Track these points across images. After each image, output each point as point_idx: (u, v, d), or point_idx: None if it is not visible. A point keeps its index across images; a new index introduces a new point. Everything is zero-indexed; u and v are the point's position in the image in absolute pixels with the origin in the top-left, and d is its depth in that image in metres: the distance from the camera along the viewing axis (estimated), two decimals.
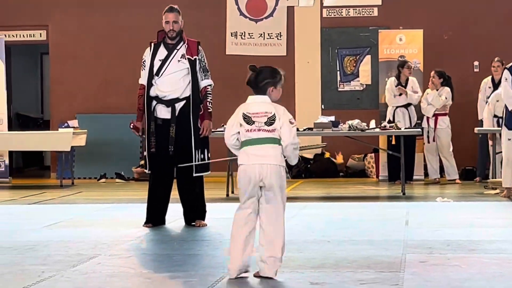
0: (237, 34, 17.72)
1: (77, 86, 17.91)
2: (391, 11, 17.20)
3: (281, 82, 6.56)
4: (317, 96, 17.39)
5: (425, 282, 5.98)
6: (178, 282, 6.07)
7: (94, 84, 17.84)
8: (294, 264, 6.54)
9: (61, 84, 18.08)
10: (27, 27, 18.34)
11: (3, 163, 16.68)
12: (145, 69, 9.29)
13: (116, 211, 11.31)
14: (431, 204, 11.93)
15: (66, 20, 17.99)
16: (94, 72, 17.87)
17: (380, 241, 8.00)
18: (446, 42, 16.98)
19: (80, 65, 17.95)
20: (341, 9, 17.57)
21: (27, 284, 6.07)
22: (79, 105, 17.76)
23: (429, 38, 16.49)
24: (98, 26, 17.87)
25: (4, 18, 18.11)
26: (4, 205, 12.54)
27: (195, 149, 9.18)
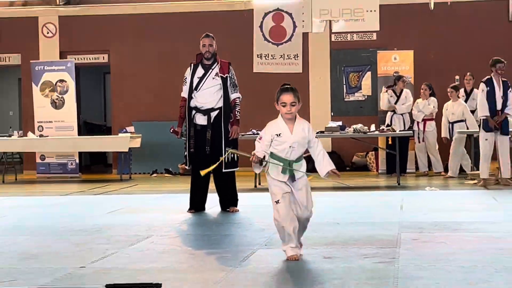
0: (262, 56, 17.71)
1: (133, 99, 17.97)
2: (387, 35, 17.14)
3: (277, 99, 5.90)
4: (327, 105, 17.34)
5: (418, 256, 5.95)
6: (215, 257, 6.08)
7: (147, 97, 17.88)
8: (310, 242, 6.53)
9: (120, 97, 18.15)
10: (93, 52, 18.41)
11: (74, 162, 16.77)
12: (186, 85, 9.35)
13: (166, 200, 11.33)
14: (421, 192, 11.89)
15: (123, 46, 18.05)
16: (146, 87, 17.92)
17: (380, 223, 7.98)
18: (432, 61, 16.90)
19: (135, 82, 18.00)
20: (346, 34, 17.53)
21: (94, 259, 6.09)
22: (134, 114, 17.80)
23: (418, 57, 16.45)
24: (149, 50, 17.92)
25: (75, 45, 18.21)
26: (75, 195, 12.60)
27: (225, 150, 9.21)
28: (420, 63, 16.48)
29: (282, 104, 5.78)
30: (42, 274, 5.48)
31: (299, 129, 5.82)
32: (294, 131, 5.81)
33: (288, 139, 5.79)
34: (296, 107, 5.78)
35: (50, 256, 6.31)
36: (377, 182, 14.29)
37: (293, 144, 5.80)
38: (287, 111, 5.75)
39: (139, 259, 6.09)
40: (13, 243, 7.06)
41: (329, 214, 8.89)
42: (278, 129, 5.80)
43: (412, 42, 16.76)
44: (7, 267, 5.81)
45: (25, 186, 15.11)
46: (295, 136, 5.81)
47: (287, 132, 5.79)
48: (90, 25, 18.09)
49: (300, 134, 5.82)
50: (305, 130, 5.84)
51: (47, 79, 16.79)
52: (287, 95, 5.78)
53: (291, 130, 5.81)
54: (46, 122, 16.70)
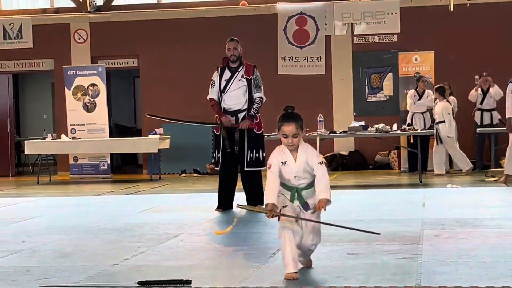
0: (286, 58, 17.70)
1: (162, 102, 18.02)
2: (408, 37, 17.08)
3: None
4: (350, 105, 17.31)
5: (439, 252, 5.92)
6: (243, 254, 6.08)
7: (175, 99, 17.93)
8: (334, 239, 6.52)
9: (149, 100, 18.21)
10: (123, 57, 18.51)
11: (106, 163, 16.85)
12: (214, 87, 9.39)
13: (194, 199, 11.35)
14: (442, 189, 11.83)
15: (152, 50, 18.12)
16: (175, 90, 17.97)
17: (403, 220, 7.94)
18: (452, 61, 16.81)
19: (163, 85, 18.06)
20: (368, 36, 17.49)
21: (127, 257, 6.11)
22: None
23: (438, 58, 16.37)
24: (177, 54, 17.97)
25: (105, 50, 18.30)
26: (107, 195, 12.67)
27: (247, 149, 9.27)
28: (441, 63, 16.40)
29: (283, 135, 5.24)
30: (76, 272, 5.50)
31: (303, 157, 5.30)
32: (298, 159, 5.29)
33: (293, 168, 5.29)
34: (298, 138, 5.25)
35: (84, 254, 6.34)
36: (399, 180, 14.24)
37: (297, 174, 5.29)
38: (288, 143, 5.24)
39: (169, 257, 6.10)
40: (48, 242, 7.10)
41: (353, 212, 8.87)
42: (283, 156, 5.30)
43: (432, 43, 16.67)
44: (42, 265, 5.85)
45: (59, 187, 15.21)
46: (299, 164, 5.29)
47: (291, 161, 5.30)
48: (120, 31, 18.18)
49: (304, 161, 5.30)
50: (308, 156, 5.30)
51: (79, 83, 16.88)
52: (289, 126, 5.21)
53: (295, 158, 5.30)
54: (78, 125, 16.79)
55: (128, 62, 18.61)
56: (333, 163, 17.09)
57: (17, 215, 9.49)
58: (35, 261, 6.05)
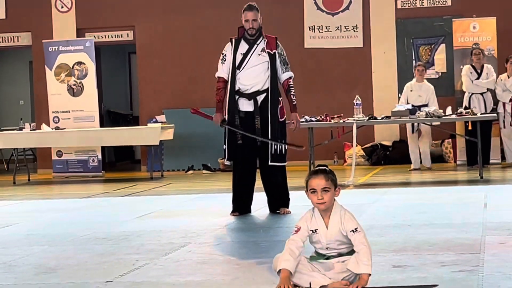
0: (315, 28, 17.70)
1: (163, 83, 18.09)
2: (464, 0, 17.02)
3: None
4: (394, 85, 17.27)
5: (505, 263, 5.90)
6: (265, 268, 6.07)
7: (180, 80, 17.98)
8: (376, 248, 6.50)
9: (149, 81, 18.28)
10: (115, 28, 18.55)
11: (96, 158, 16.93)
12: (226, 63, 9.26)
13: (204, 201, 11.38)
14: (509, 187, 11.80)
15: (151, 21, 18.16)
16: (179, 69, 18.02)
17: (459, 224, 7.93)
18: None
19: (165, 63, 18.11)
20: (415, 0, 17.44)
21: (122, 272, 6.14)
22: (166, 101, 17.92)
23: (502, 25, 16.32)
24: (181, 26, 18.01)
25: (93, 20, 18.36)
26: (98, 197, 12.72)
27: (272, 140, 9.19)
28: (504, 32, 16.34)
29: (311, 190, 5.16)
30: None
31: (336, 222, 5.19)
32: (330, 226, 5.21)
33: (323, 238, 5.21)
34: (330, 195, 5.15)
35: (71, 270, 6.37)
36: (455, 176, 14.21)
37: (329, 244, 5.21)
38: (318, 201, 5.14)
39: (174, 271, 6.12)
40: (27, 255, 7.14)
41: (399, 215, 8.87)
42: (314, 223, 5.24)
43: (494, 7, 16.62)
44: (20, 283, 5.89)
45: (40, 188, 15.29)
46: (331, 232, 5.20)
47: (322, 228, 5.22)
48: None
49: (337, 227, 5.19)
50: (342, 220, 5.18)
51: (62, 62, 16.95)
52: (317, 179, 5.16)
53: (326, 223, 5.22)
54: (62, 112, 16.87)
55: (121, 35, 18.66)
56: (374, 156, 17.08)
57: None
58: (11, 278, 6.08)
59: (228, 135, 9.33)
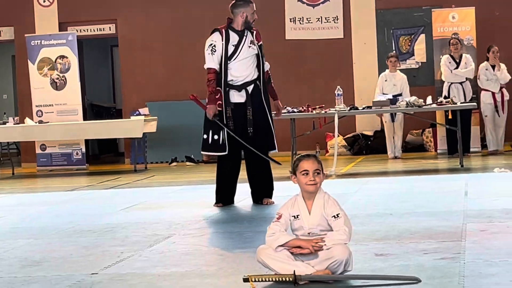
0: (296, 20, 17.70)
1: (146, 76, 18.06)
2: None
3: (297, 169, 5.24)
4: (374, 75, 17.26)
5: (486, 250, 5.93)
6: (249, 258, 6.07)
7: (162, 73, 17.96)
8: (358, 237, 6.52)
9: (131, 74, 18.25)
10: (97, 22, 18.51)
11: (80, 151, 16.91)
12: (216, 53, 9.14)
13: (188, 192, 11.38)
14: (489, 175, 11.83)
15: (133, 14, 18.12)
16: (162, 61, 17.99)
17: (441, 212, 7.96)
18: (497, 18, 16.80)
19: (148, 56, 18.08)
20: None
21: (108, 264, 6.13)
22: (149, 94, 17.90)
23: (481, 15, 16.35)
24: (163, 18, 17.98)
25: (75, 14, 18.31)
26: (82, 190, 12.71)
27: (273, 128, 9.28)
28: (483, 22, 16.38)
29: (303, 172, 5.17)
30: (48, 284, 5.53)
31: (319, 206, 5.19)
32: (313, 211, 5.20)
33: (305, 223, 5.19)
34: (321, 177, 5.18)
35: (56, 262, 6.36)
36: (436, 164, 14.26)
37: (312, 230, 5.19)
38: (309, 181, 5.15)
39: (159, 263, 6.12)
40: (12, 248, 7.13)
41: (381, 204, 8.91)
42: (296, 208, 5.22)
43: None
44: (6, 276, 5.87)
45: (24, 181, 15.26)
46: (314, 217, 5.19)
47: (305, 213, 5.20)
48: None
49: (320, 212, 5.18)
50: (325, 205, 5.18)
51: (45, 56, 16.91)
52: (309, 162, 5.18)
53: (309, 209, 5.21)
54: (45, 106, 16.83)
55: (104, 28, 18.61)
56: (355, 146, 17.11)
57: None
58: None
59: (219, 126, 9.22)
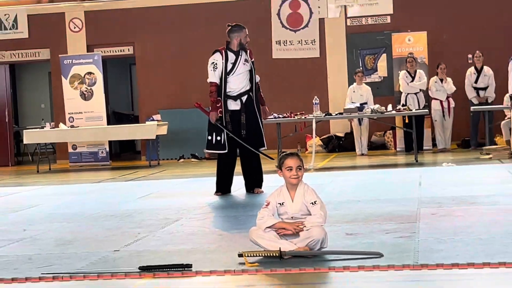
0: (281, 42, 17.67)
1: (158, 88, 18.02)
2: (400, 18, 17.05)
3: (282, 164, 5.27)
4: (345, 87, 17.26)
5: (436, 230, 5.94)
6: (243, 236, 6.05)
7: (171, 86, 17.92)
8: (332, 220, 6.51)
9: (146, 87, 18.21)
10: (118, 44, 18.46)
11: (104, 150, 16.84)
12: (217, 70, 9.18)
13: (193, 183, 11.36)
14: (439, 168, 11.84)
15: (147, 38, 18.08)
16: (171, 76, 17.96)
17: (399, 199, 7.96)
18: (445, 41, 16.80)
19: (160, 72, 18.05)
20: (361, 19, 17.45)
21: (127, 242, 6.12)
22: (160, 103, 17.85)
23: (431, 38, 16.35)
24: (173, 40, 17.94)
25: (101, 38, 18.26)
26: (106, 182, 12.67)
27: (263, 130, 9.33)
28: (434, 43, 16.39)
29: (287, 168, 5.19)
30: (78, 259, 5.51)
31: (300, 195, 5.22)
32: (295, 199, 5.23)
33: (289, 209, 5.22)
34: (302, 172, 5.21)
35: (85, 241, 6.35)
36: (396, 160, 14.26)
37: (294, 215, 5.21)
38: (293, 175, 5.17)
39: (169, 241, 6.11)
40: (49, 230, 7.11)
41: (350, 192, 8.91)
42: (281, 197, 5.25)
43: (425, 23, 16.66)
44: (44, 253, 5.85)
45: (59, 175, 15.21)
46: (296, 204, 5.22)
47: (288, 201, 5.23)
48: (115, 19, 18.14)
49: (301, 200, 5.22)
50: (305, 194, 5.21)
51: (75, 72, 16.84)
52: (293, 159, 5.21)
53: (292, 197, 5.23)
54: (76, 113, 16.77)
55: (123, 49, 18.57)
56: (330, 145, 17.10)
57: (18, 204, 9.49)
58: (36, 249, 6.05)
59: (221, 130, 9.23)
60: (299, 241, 5.13)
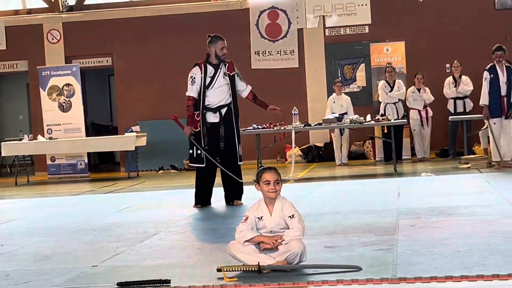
0: (260, 52, 17.69)
1: (137, 100, 17.98)
2: (379, 28, 17.13)
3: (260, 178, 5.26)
4: (324, 98, 17.29)
5: (415, 242, 5.95)
6: (222, 251, 6.05)
7: (150, 97, 17.89)
8: (311, 232, 6.52)
9: (125, 98, 18.16)
10: (96, 56, 18.42)
11: (83, 162, 16.78)
12: (195, 84, 9.19)
13: (172, 196, 11.33)
14: (418, 178, 11.87)
15: (126, 49, 18.05)
16: (150, 88, 17.93)
17: (378, 210, 7.97)
18: (423, 51, 16.89)
19: (138, 83, 18.01)
20: (339, 29, 17.51)
21: (106, 257, 6.09)
22: (139, 114, 17.81)
23: (409, 48, 16.43)
24: (150, 51, 17.92)
25: (79, 50, 18.22)
26: (85, 195, 12.61)
27: (238, 143, 9.26)
28: (412, 53, 16.47)
29: (265, 182, 5.18)
30: (56, 275, 5.48)
31: (278, 209, 5.21)
32: (274, 213, 5.21)
33: (268, 223, 5.21)
34: (280, 185, 5.20)
35: (63, 257, 6.31)
36: (375, 170, 14.30)
37: (273, 229, 5.20)
38: (270, 189, 5.16)
39: (148, 256, 6.08)
40: (27, 245, 7.06)
41: (330, 204, 8.90)
42: (260, 211, 5.23)
43: (403, 33, 16.75)
44: (21, 269, 5.81)
45: (37, 188, 15.12)
46: (274, 218, 5.21)
47: (267, 215, 5.22)
48: (93, 30, 18.09)
49: (279, 214, 5.20)
50: (283, 208, 5.20)
51: (54, 84, 16.79)
52: (271, 173, 5.19)
53: (270, 211, 5.22)
54: (54, 125, 16.71)
55: (102, 61, 18.53)
56: (309, 155, 17.12)
57: None
58: (14, 265, 6.01)
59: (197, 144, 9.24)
60: (278, 255, 5.13)
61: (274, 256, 5.13)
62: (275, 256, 5.13)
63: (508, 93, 12.25)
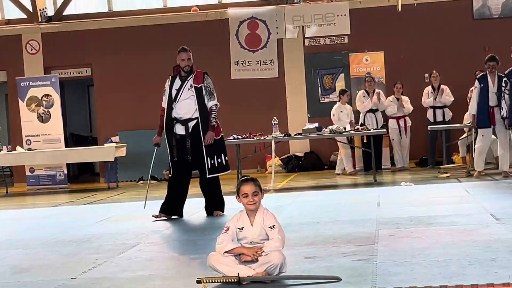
0: (239, 63, 17.70)
1: (116, 110, 17.93)
2: (358, 38, 17.19)
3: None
4: (304, 107, 17.37)
5: (395, 252, 5.96)
6: (202, 262, 6.03)
7: (130, 107, 17.85)
8: (291, 243, 6.51)
9: (104, 108, 18.10)
10: (76, 66, 18.36)
11: (63, 173, 16.70)
12: (165, 96, 9.30)
13: (152, 206, 11.19)
14: (397, 188, 11.90)
15: (106, 59, 18.01)
16: (129, 98, 17.88)
17: (358, 220, 7.98)
18: (402, 60, 16.98)
19: (118, 94, 17.96)
20: (319, 39, 17.57)
21: (85, 269, 6.05)
22: (119, 124, 17.76)
23: (389, 57, 16.52)
24: (131, 63, 17.88)
25: (58, 60, 18.15)
26: (64, 206, 12.54)
27: (206, 156, 9.19)
28: (391, 63, 16.55)
29: (243, 195, 5.21)
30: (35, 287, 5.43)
31: (259, 220, 5.22)
32: (255, 224, 5.23)
33: (249, 234, 5.22)
34: (259, 197, 5.22)
35: (42, 269, 6.27)
36: (355, 180, 14.31)
37: (254, 239, 5.21)
38: (249, 202, 5.19)
39: (127, 268, 6.06)
40: (5, 257, 7.01)
41: (309, 214, 8.90)
42: (241, 222, 5.25)
43: (382, 43, 16.81)
44: (0, 282, 5.76)
45: (16, 199, 15.03)
46: (255, 229, 5.22)
47: (248, 225, 5.23)
48: (72, 41, 18.04)
49: (260, 225, 5.22)
50: (264, 218, 5.22)
51: (32, 94, 16.72)
52: (248, 186, 5.21)
53: (251, 222, 5.23)
54: (33, 136, 16.63)
55: (81, 71, 18.48)
56: (289, 165, 17.13)
57: None
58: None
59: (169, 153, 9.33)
60: (258, 266, 5.12)
61: (254, 267, 5.12)
62: (255, 267, 5.12)
63: (499, 103, 12.23)
